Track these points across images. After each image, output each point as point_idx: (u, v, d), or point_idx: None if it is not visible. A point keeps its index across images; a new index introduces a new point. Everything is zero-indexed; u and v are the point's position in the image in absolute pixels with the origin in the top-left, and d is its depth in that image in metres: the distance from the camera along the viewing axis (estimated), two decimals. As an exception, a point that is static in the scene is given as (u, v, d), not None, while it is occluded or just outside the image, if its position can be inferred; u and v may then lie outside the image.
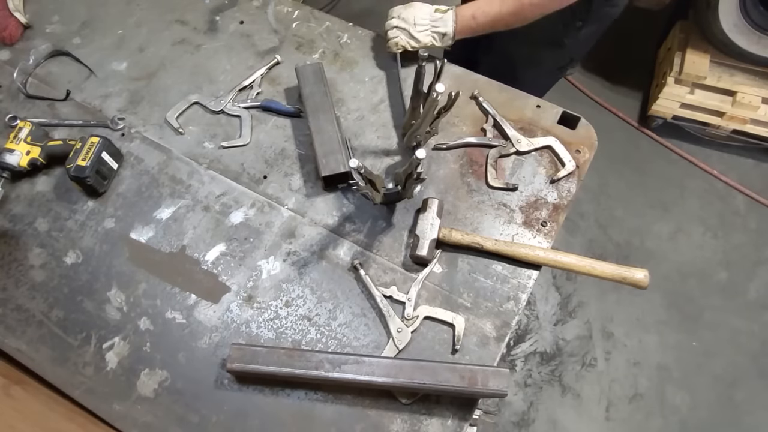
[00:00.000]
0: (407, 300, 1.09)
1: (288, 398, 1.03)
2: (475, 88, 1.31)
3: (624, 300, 2.28)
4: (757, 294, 2.29)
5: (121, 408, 1.04)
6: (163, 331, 1.09)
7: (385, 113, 1.31)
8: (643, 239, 2.39)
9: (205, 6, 1.46)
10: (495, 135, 1.26)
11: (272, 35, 1.42)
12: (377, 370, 0.97)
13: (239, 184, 1.23)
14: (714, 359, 2.18)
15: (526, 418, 2.08)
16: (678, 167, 2.56)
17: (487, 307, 1.10)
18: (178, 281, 1.14)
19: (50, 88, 1.35)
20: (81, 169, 1.14)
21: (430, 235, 1.10)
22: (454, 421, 1.01)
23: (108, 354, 1.08)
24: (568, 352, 2.19)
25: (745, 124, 2.41)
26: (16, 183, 1.24)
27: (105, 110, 1.32)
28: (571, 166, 1.21)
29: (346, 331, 1.09)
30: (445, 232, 1.11)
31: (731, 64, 2.30)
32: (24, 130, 1.21)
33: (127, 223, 1.19)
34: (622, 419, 2.09)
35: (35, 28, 1.44)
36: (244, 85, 1.33)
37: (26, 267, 1.16)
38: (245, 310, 1.11)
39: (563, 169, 1.21)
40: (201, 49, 1.40)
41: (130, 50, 1.40)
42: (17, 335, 1.10)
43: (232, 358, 0.99)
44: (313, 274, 1.14)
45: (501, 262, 1.14)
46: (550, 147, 1.23)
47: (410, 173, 1.01)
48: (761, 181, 2.52)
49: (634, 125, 2.64)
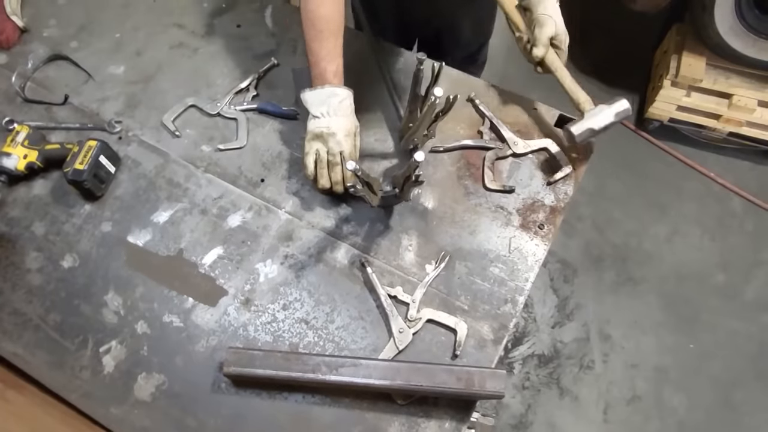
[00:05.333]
0: (411, 301, 1.09)
1: (285, 401, 1.03)
2: (473, 90, 1.31)
3: (621, 302, 2.28)
4: (754, 296, 2.30)
5: (118, 412, 1.03)
6: (160, 335, 1.09)
7: (381, 116, 1.31)
8: (641, 241, 2.40)
9: (202, 9, 1.46)
10: (492, 137, 1.26)
11: (269, 38, 1.42)
12: (374, 373, 0.97)
13: (236, 187, 1.23)
14: (712, 361, 2.18)
15: (524, 421, 2.08)
16: (675, 169, 2.57)
17: (485, 310, 1.10)
18: (175, 285, 1.14)
19: (48, 92, 1.35)
20: (78, 173, 1.14)
21: (595, 122, 1.13)
22: (452, 424, 1.01)
23: (105, 358, 1.08)
24: (566, 355, 2.19)
25: (741, 127, 2.41)
26: (13, 186, 1.24)
27: (102, 114, 1.32)
28: (568, 169, 1.21)
29: (343, 334, 1.09)
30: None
31: (727, 67, 2.31)
32: (21, 134, 1.21)
33: (124, 227, 1.19)
34: (620, 421, 2.09)
35: (32, 32, 1.44)
36: (240, 88, 1.33)
37: (23, 271, 1.16)
38: (242, 314, 1.11)
39: (560, 171, 1.21)
40: (198, 52, 1.40)
41: (128, 54, 1.40)
42: (14, 339, 1.10)
43: (229, 362, 0.99)
44: (310, 277, 1.14)
45: (498, 265, 1.14)
46: (547, 149, 1.24)
47: (408, 176, 1.02)
48: (758, 183, 2.53)
49: (631, 128, 2.65)
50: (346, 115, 1.13)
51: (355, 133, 1.15)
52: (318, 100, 1.12)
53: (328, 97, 1.11)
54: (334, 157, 1.12)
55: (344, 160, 1.11)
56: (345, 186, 1.14)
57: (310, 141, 1.14)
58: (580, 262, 2.34)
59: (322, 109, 1.12)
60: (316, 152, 1.13)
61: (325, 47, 1.12)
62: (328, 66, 1.12)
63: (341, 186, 1.14)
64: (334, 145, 1.11)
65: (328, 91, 1.11)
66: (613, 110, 1.15)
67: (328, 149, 1.12)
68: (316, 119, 1.13)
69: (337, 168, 1.13)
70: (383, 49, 1.38)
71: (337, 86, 1.12)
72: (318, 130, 1.12)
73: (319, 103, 1.12)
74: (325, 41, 1.12)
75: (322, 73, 1.12)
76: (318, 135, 1.12)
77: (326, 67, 1.12)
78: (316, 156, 1.14)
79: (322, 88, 1.12)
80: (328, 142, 1.12)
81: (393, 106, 1.30)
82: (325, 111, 1.11)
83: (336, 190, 1.15)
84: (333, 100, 1.11)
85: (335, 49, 1.13)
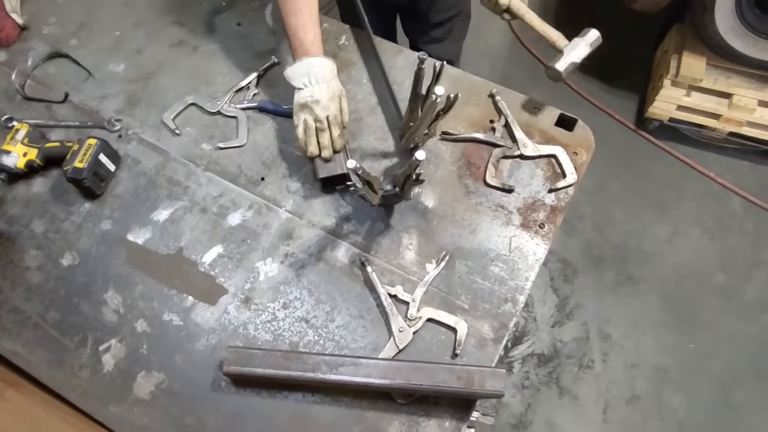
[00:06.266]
0: (411, 300, 1.08)
1: (285, 401, 1.03)
2: (474, 90, 1.31)
3: (621, 302, 2.28)
4: (754, 296, 2.30)
5: (118, 410, 1.03)
6: (160, 333, 1.09)
7: (382, 115, 1.31)
8: (641, 241, 2.40)
9: (202, 8, 1.46)
10: (503, 135, 1.26)
11: (270, 36, 1.42)
12: (374, 372, 0.97)
13: (237, 185, 1.23)
14: (711, 361, 2.18)
15: (524, 420, 2.08)
16: (675, 169, 2.57)
17: (485, 309, 1.10)
18: (175, 283, 1.13)
19: (48, 89, 1.35)
20: (78, 171, 1.14)
21: (575, 55, 1.19)
22: (452, 423, 1.01)
23: (104, 356, 1.07)
24: (566, 354, 2.19)
25: (742, 127, 2.42)
26: (13, 185, 1.23)
27: (102, 112, 1.32)
28: (572, 179, 1.20)
29: (343, 333, 1.08)
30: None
31: (727, 67, 2.31)
32: (21, 132, 1.21)
33: (124, 225, 1.19)
34: (619, 421, 2.09)
35: (32, 30, 1.43)
36: (240, 86, 1.33)
37: (22, 269, 1.16)
38: (242, 312, 1.10)
39: (563, 180, 1.20)
40: (198, 50, 1.40)
41: (128, 52, 1.40)
42: (13, 337, 1.10)
43: (229, 361, 0.99)
44: (310, 275, 1.13)
45: (499, 264, 1.14)
46: (555, 156, 1.23)
47: (409, 175, 1.01)
48: (758, 183, 2.53)
49: (631, 127, 2.65)
50: (327, 81, 1.15)
51: (340, 96, 1.18)
52: (298, 73, 1.14)
53: (307, 67, 1.14)
54: (321, 123, 1.14)
55: (331, 125, 1.15)
56: (334, 149, 1.17)
57: (297, 113, 1.16)
58: (580, 262, 2.34)
59: (303, 80, 1.14)
60: (303, 122, 1.15)
61: (300, 18, 1.14)
62: (304, 37, 1.14)
63: (329, 150, 1.16)
64: (319, 111, 1.14)
65: (306, 62, 1.14)
66: (587, 41, 1.22)
67: (315, 116, 1.14)
68: (300, 90, 1.15)
69: (325, 133, 1.15)
70: (384, 47, 1.38)
71: (315, 56, 1.14)
72: (303, 100, 1.14)
73: (300, 75, 1.14)
74: (300, 13, 1.14)
75: (300, 45, 1.15)
76: (303, 105, 1.14)
77: (303, 38, 1.14)
78: (305, 125, 1.15)
79: (300, 60, 1.14)
80: (314, 110, 1.14)
81: (393, 106, 1.30)
82: (306, 81, 1.14)
83: (324, 156, 1.16)
84: (312, 70, 1.13)
85: (310, 18, 1.15)
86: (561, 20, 2.78)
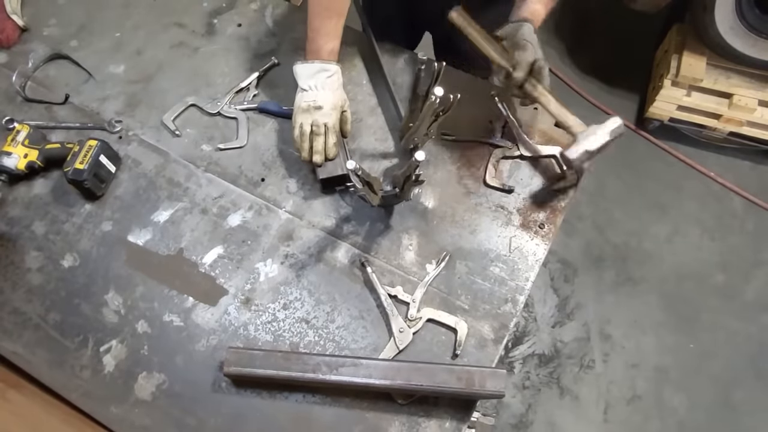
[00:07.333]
0: (412, 301, 1.08)
1: (286, 401, 1.03)
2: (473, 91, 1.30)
3: (622, 302, 2.28)
4: (754, 296, 2.30)
5: (119, 411, 1.03)
6: (160, 334, 1.09)
7: (382, 116, 1.31)
8: (641, 241, 2.40)
9: (202, 9, 1.46)
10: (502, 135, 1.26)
11: (270, 38, 1.42)
12: (375, 373, 0.97)
13: (237, 186, 1.23)
14: (712, 361, 2.18)
15: (525, 420, 2.08)
16: (675, 169, 2.57)
17: (485, 309, 1.10)
18: (175, 284, 1.13)
19: (48, 91, 1.35)
20: (79, 173, 1.14)
21: (590, 143, 1.06)
22: (452, 423, 1.01)
23: (105, 357, 1.08)
24: (566, 354, 2.19)
25: (742, 127, 2.41)
26: (14, 186, 1.24)
27: (102, 113, 1.32)
28: (573, 179, 1.20)
29: (344, 334, 1.09)
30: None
31: (727, 67, 2.31)
32: (22, 133, 1.21)
33: (124, 226, 1.19)
34: (620, 421, 2.09)
35: (32, 31, 1.44)
36: (241, 87, 1.33)
37: (23, 270, 1.16)
38: (243, 313, 1.11)
39: (563, 181, 1.20)
40: (198, 51, 1.40)
41: (128, 53, 1.40)
42: (14, 338, 1.10)
43: (229, 361, 0.99)
44: (311, 276, 1.14)
45: (499, 264, 1.14)
46: (555, 156, 1.23)
47: (409, 175, 1.02)
48: (758, 183, 2.53)
49: (632, 127, 2.65)
50: (333, 90, 1.15)
51: (342, 107, 1.18)
52: (308, 73, 1.14)
53: (317, 71, 1.14)
54: (318, 128, 1.14)
55: (328, 133, 1.14)
56: (326, 157, 1.16)
57: (296, 115, 1.16)
58: (580, 262, 2.34)
59: (310, 82, 1.14)
60: (300, 126, 1.15)
61: (326, 25, 1.14)
62: (325, 45, 1.14)
63: (321, 156, 1.15)
64: (319, 117, 1.14)
65: (319, 66, 1.14)
66: (607, 129, 1.10)
67: (313, 121, 1.14)
68: (304, 92, 1.15)
69: (320, 138, 1.15)
70: (384, 48, 1.38)
71: (329, 62, 1.14)
72: (305, 104, 1.14)
73: (309, 76, 1.14)
74: (328, 19, 1.14)
75: (318, 50, 1.15)
76: (305, 109, 1.14)
77: (323, 45, 1.14)
78: (300, 130, 1.15)
79: (313, 62, 1.14)
80: (313, 115, 1.14)
81: (393, 106, 1.30)
82: (313, 84, 1.14)
83: (315, 161, 1.16)
84: (322, 75, 1.14)
85: (335, 29, 1.15)
86: (562, 23, 2.80)
